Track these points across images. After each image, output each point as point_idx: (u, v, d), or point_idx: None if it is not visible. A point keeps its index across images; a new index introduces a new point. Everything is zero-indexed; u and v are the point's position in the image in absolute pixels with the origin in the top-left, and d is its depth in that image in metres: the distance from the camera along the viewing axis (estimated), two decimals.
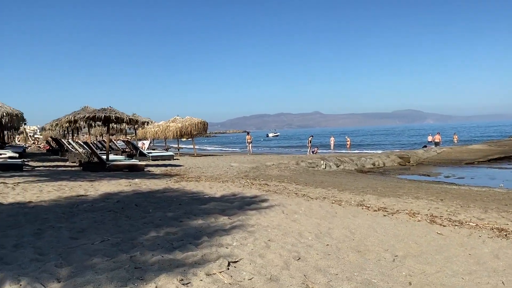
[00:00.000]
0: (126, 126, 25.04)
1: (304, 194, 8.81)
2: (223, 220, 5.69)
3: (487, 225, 5.91)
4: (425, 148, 27.27)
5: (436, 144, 31.33)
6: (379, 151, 30.11)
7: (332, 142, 40.08)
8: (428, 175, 16.82)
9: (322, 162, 19.12)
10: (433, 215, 6.65)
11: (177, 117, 26.99)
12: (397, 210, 7.01)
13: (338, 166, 19.31)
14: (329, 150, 36.07)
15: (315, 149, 31.97)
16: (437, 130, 40.02)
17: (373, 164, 20.78)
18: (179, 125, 26.07)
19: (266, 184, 10.75)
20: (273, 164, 17.67)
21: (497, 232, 5.46)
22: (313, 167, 18.35)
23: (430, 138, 39.40)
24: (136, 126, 20.15)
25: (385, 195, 9.27)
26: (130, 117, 14.74)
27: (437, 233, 5.31)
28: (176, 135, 26.42)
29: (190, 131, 26.26)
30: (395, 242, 4.79)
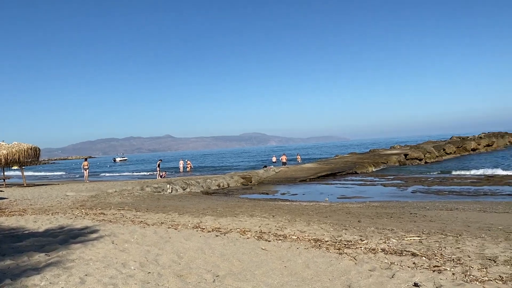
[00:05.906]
0: None
1: (142, 221, 8.50)
2: (39, 257, 5.09)
3: (307, 237, 6.51)
4: (265, 168, 29.16)
5: (284, 163, 34.04)
6: (227, 172, 31.19)
7: (181, 166, 40.22)
8: (267, 193, 18.00)
9: (168, 186, 18.86)
10: (262, 231, 7.06)
11: (2, 143, 23.64)
12: (230, 229, 7.24)
13: (184, 189, 19.28)
14: (179, 174, 36.09)
15: (163, 173, 31.53)
16: (279, 151, 43.39)
17: (218, 186, 21.36)
18: (4, 152, 22.84)
19: (102, 213, 10.07)
20: (115, 191, 16.71)
21: (313, 243, 6.03)
22: (159, 192, 17.96)
23: (274, 159, 42.49)
24: None
25: (223, 215, 9.54)
26: None
27: (262, 248, 5.63)
28: (1, 164, 23.11)
29: (19, 158, 23.26)
30: (221, 261, 4.91)
